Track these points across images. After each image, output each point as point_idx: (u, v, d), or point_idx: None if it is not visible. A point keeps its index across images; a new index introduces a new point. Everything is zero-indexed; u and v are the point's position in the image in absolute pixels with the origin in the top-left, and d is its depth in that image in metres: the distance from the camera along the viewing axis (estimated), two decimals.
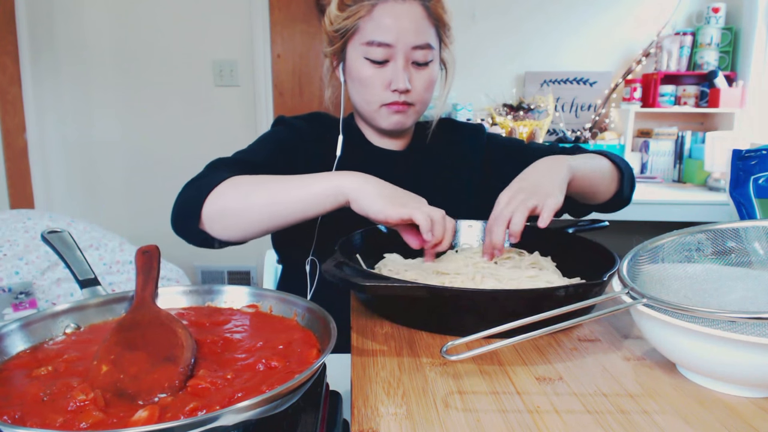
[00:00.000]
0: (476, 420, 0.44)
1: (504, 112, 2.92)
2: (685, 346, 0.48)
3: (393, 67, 0.94)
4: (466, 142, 1.13)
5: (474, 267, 0.74)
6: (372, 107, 0.98)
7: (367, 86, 0.96)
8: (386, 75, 0.95)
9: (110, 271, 1.97)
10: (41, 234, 0.68)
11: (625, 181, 1.03)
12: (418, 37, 0.93)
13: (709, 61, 2.80)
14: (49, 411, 0.43)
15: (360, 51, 0.95)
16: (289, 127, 1.04)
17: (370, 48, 0.93)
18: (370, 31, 0.93)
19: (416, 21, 0.93)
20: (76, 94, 2.96)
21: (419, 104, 0.99)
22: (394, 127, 1.00)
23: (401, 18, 0.92)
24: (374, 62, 0.94)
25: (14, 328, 0.55)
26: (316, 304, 0.60)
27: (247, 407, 0.40)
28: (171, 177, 3.00)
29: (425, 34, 0.94)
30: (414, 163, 1.07)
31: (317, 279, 0.99)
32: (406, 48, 0.93)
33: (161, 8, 2.89)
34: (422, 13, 0.94)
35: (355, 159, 1.02)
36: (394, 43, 0.92)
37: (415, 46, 0.94)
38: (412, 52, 0.94)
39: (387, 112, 0.98)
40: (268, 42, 2.96)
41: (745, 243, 0.59)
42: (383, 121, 0.99)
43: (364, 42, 0.94)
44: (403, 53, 0.93)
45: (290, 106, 3.08)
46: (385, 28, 0.92)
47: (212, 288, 0.67)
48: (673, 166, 2.97)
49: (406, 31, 0.92)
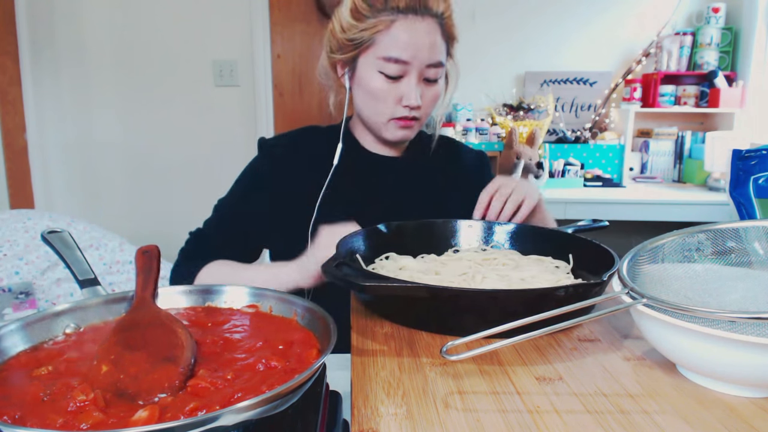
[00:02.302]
0: (476, 420, 0.44)
1: (504, 112, 2.92)
2: (685, 346, 0.48)
3: (406, 83, 0.95)
4: (469, 163, 1.16)
5: (474, 267, 0.74)
6: (381, 119, 0.99)
7: (379, 100, 0.96)
8: (399, 90, 0.95)
9: (110, 271, 1.97)
10: (41, 234, 0.68)
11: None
12: (432, 56, 0.94)
13: (709, 61, 2.80)
14: (49, 411, 0.43)
15: (375, 64, 0.94)
16: (265, 158, 1.06)
17: (386, 63, 0.93)
18: (386, 46, 0.93)
19: (432, 39, 0.94)
20: (76, 94, 2.96)
21: (424, 118, 1.02)
22: (399, 139, 1.02)
23: (419, 35, 0.92)
24: (388, 77, 0.94)
25: (14, 328, 0.55)
26: (316, 304, 0.60)
27: (247, 407, 0.40)
28: (171, 177, 3.01)
29: (439, 52, 0.95)
30: (409, 171, 1.08)
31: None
32: (421, 66, 0.94)
33: (161, 8, 2.89)
34: (437, 30, 0.95)
35: (350, 166, 1.03)
36: (410, 61, 0.93)
37: (429, 65, 0.94)
38: (425, 69, 0.95)
39: (395, 126, 0.99)
40: (268, 42, 2.96)
41: (745, 243, 0.59)
42: (389, 134, 1.00)
43: (381, 57, 0.93)
44: (417, 70, 0.94)
45: (290, 106, 3.08)
46: (403, 45, 0.92)
47: (212, 288, 0.67)
48: (673, 166, 2.97)
49: (422, 49, 0.93)
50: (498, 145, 2.78)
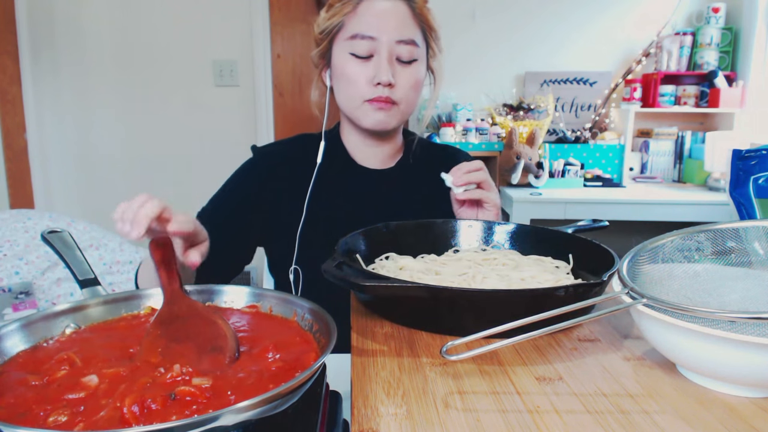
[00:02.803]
0: (476, 420, 0.44)
1: (504, 112, 2.92)
2: (685, 346, 0.48)
3: (377, 60, 0.94)
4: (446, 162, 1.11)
5: (474, 267, 0.74)
6: (355, 104, 0.97)
7: (351, 82, 0.95)
8: (370, 70, 0.94)
9: (110, 271, 1.97)
10: (41, 234, 0.68)
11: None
12: (402, 32, 0.93)
13: (709, 61, 2.80)
14: (49, 410, 0.43)
15: (344, 47, 0.95)
16: (254, 161, 1.05)
17: (353, 42, 0.93)
18: (353, 25, 0.94)
19: (401, 17, 0.94)
20: (76, 94, 2.96)
21: (403, 104, 0.97)
22: (376, 125, 0.98)
23: (386, 13, 0.93)
24: (358, 57, 0.94)
25: (14, 328, 0.55)
26: (317, 304, 0.60)
27: (247, 407, 0.40)
28: (171, 177, 3.01)
29: (409, 30, 0.95)
30: (397, 182, 1.06)
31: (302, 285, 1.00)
32: (390, 42, 0.93)
33: (161, 8, 2.90)
34: (407, 11, 0.95)
35: (338, 177, 1.03)
36: (377, 36, 0.92)
37: (399, 41, 0.93)
38: (396, 46, 0.94)
39: (370, 109, 0.96)
40: (268, 42, 2.96)
41: (745, 243, 0.59)
42: (366, 119, 0.97)
43: (348, 36, 0.94)
44: (386, 47, 0.93)
45: (290, 106, 3.08)
46: (369, 21, 0.93)
47: (212, 288, 0.67)
48: (673, 166, 2.97)
49: (389, 26, 0.93)
50: (498, 145, 2.79)
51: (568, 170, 2.78)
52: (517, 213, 2.53)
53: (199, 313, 0.57)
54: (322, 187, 1.01)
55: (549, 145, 2.89)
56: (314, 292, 0.92)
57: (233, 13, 2.92)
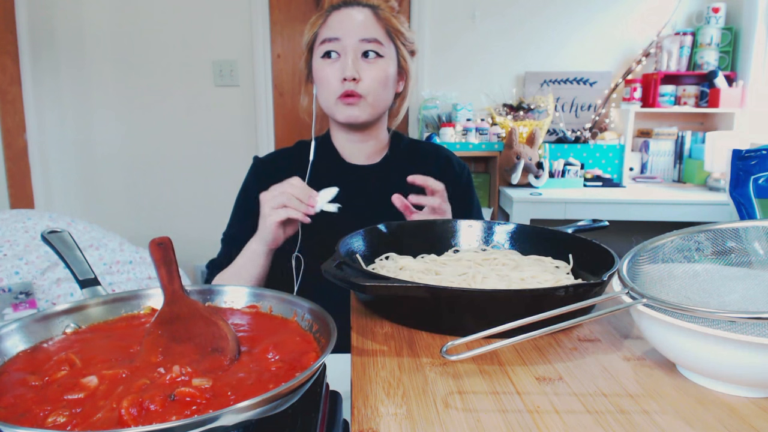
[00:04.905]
0: (476, 420, 0.44)
1: (504, 112, 2.92)
2: (685, 346, 0.48)
3: (343, 59, 1.03)
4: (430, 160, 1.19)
5: (474, 267, 0.74)
6: (330, 102, 1.06)
7: (324, 82, 1.05)
8: (338, 69, 1.03)
9: (110, 271, 1.97)
10: (41, 234, 0.68)
11: None
12: (365, 32, 1.03)
13: (709, 61, 2.80)
14: (49, 411, 0.43)
15: (318, 53, 1.06)
16: (253, 175, 1.15)
17: (323, 46, 1.04)
18: (324, 33, 1.05)
19: (364, 20, 1.04)
20: (76, 94, 2.96)
21: (371, 97, 1.05)
22: (347, 119, 1.06)
23: (350, 18, 1.04)
24: (329, 59, 1.04)
25: (14, 328, 0.55)
26: (317, 304, 0.60)
27: (247, 407, 0.40)
28: (171, 177, 3.01)
29: (373, 30, 1.04)
30: (385, 178, 1.14)
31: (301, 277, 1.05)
32: (354, 41, 1.02)
33: (161, 8, 2.90)
34: (371, 16, 1.05)
35: (329, 174, 1.12)
36: (342, 37, 1.02)
37: (362, 39, 1.02)
38: (360, 44, 1.03)
39: (341, 105, 1.05)
40: (268, 42, 2.96)
41: (745, 243, 0.59)
42: (339, 113, 1.06)
43: (320, 42, 1.05)
44: (351, 47, 1.02)
45: (290, 106, 3.08)
46: (336, 27, 1.04)
47: (212, 288, 0.67)
48: (673, 166, 2.97)
49: (353, 27, 1.03)
50: (498, 145, 2.79)
51: (568, 170, 2.78)
52: (517, 213, 2.53)
53: (199, 313, 0.57)
54: (317, 182, 1.05)
55: (549, 145, 2.89)
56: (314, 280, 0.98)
57: (233, 13, 2.92)
